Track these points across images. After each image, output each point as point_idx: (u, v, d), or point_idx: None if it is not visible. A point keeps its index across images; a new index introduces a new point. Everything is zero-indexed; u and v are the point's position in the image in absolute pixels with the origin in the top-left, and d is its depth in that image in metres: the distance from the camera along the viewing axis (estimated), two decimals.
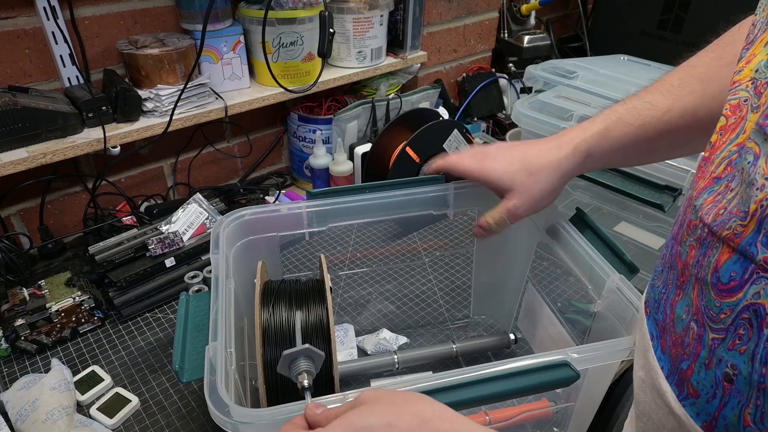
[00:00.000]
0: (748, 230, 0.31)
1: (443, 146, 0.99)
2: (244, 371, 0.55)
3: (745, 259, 0.31)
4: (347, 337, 0.76)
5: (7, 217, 0.91)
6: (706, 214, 0.36)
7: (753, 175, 0.31)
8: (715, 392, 0.34)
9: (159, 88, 0.88)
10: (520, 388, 0.42)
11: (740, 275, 0.32)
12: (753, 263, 0.31)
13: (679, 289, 0.39)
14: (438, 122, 0.99)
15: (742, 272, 0.31)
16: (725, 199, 0.35)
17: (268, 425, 0.39)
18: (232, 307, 0.50)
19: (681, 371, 0.37)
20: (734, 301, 0.32)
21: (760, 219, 0.30)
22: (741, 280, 0.31)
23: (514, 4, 1.50)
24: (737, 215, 0.32)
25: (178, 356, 0.50)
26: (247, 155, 1.17)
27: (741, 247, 0.31)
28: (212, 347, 0.44)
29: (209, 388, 0.41)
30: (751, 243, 0.31)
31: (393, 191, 0.64)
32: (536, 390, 0.43)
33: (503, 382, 0.42)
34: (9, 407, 0.63)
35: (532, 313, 0.71)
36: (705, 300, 0.35)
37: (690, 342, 0.36)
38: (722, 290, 0.33)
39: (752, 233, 0.31)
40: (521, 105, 0.94)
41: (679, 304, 0.38)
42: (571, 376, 0.42)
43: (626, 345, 0.46)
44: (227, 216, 0.60)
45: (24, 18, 0.80)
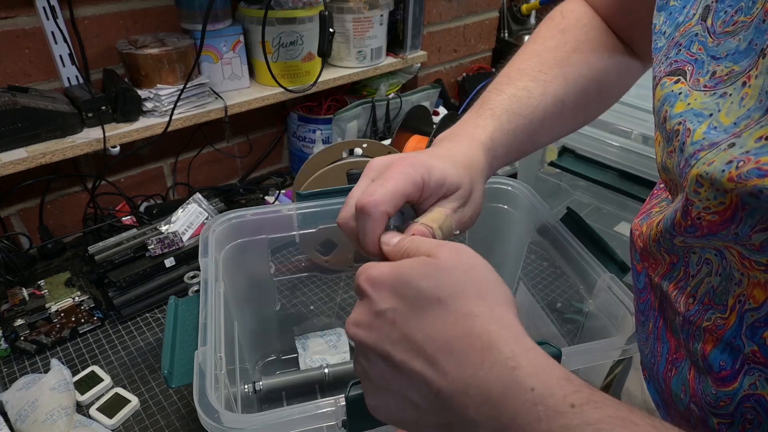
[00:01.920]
0: (730, 323, 0.31)
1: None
2: (234, 376, 0.55)
3: (731, 349, 0.31)
4: (340, 341, 0.75)
5: (6, 217, 0.91)
6: (676, 302, 0.35)
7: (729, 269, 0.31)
8: None
9: (159, 88, 0.88)
10: None
11: (730, 365, 0.31)
12: (741, 354, 0.30)
13: (671, 364, 0.38)
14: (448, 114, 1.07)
15: (732, 362, 0.31)
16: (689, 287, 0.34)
17: (260, 430, 0.39)
18: (221, 311, 0.50)
19: None
20: (731, 391, 0.31)
21: (740, 313, 0.30)
22: (733, 369, 0.31)
23: (514, 4, 1.50)
24: (715, 308, 0.32)
25: (167, 361, 0.49)
26: (247, 155, 1.17)
27: (726, 339, 0.31)
28: (201, 352, 0.44)
29: (199, 393, 0.40)
30: (735, 336, 0.30)
31: None
32: None
33: None
34: (9, 407, 0.63)
35: (524, 313, 0.71)
36: (702, 385, 0.34)
37: (697, 423, 0.36)
38: (716, 379, 0.32)
39: (734, 326, 0.30)
40: None
41: (674, 381, 0.37)
42: (553, 352, 0.41)
43: (617, 345, 0.46)
44: (216, 219, 0.59)
45: (24, 18, 0.80)
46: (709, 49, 0.31)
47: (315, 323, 0.78)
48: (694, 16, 0.33)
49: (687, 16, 0.34)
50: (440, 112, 1.29)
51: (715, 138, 0.28)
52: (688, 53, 0.33)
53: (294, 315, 0.76)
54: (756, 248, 0.28)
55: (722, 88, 0.29)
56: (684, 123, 0.31)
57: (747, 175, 0.26)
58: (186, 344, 0.51)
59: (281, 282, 0.72)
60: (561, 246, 0.58)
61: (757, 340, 0.29)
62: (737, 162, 0.26)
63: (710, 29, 0.31)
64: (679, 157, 0.31)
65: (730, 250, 0.30)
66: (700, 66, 0.31)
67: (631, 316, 0.48)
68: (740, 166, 0.26)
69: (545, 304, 0.68)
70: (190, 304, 0.54)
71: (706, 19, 0.32)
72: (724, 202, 0.28)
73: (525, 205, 0.65)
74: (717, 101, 0.29)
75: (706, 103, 0.30)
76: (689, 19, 0.33)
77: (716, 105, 0.29)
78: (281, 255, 0.79)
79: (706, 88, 0.30)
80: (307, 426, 0.39)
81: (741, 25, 0.29)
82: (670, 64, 0.34)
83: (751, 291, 0.29)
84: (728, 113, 0.28)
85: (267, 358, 0.75)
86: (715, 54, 0.30)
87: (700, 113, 0.30)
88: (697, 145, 0.29)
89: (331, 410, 0.39)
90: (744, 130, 0.27)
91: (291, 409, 0.39)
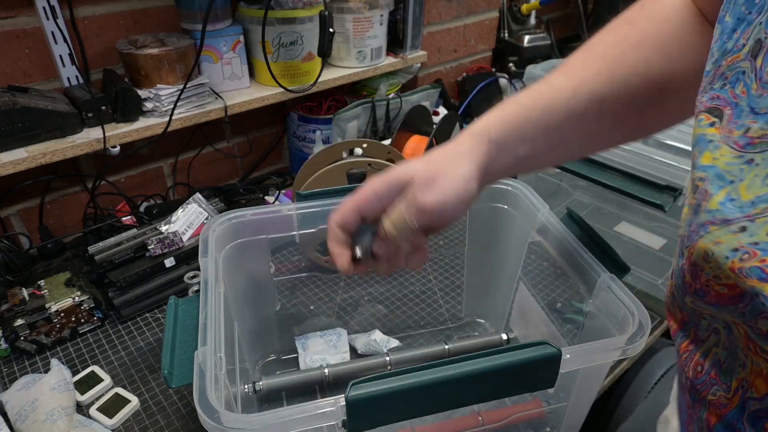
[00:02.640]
0: (733, 404, 0.29)
1: (451, 137, 1.02)
2: (234, 376, 0.55)
3: (734, 429, 0.29)
4: (340, 341, 0.75)
5: (6, 217, 0.91)
6: (686, 365, 0.34)
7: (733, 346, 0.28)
8: None
9: (159, 87, 0.88)
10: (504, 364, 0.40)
11: None
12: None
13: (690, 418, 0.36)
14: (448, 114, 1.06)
15: None
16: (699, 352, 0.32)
17: (258, 431, 0.39)
18: (221, 311, 0.50)
19: None
20: None
21: (743, 398, 0.28)
22: None
23: (514, 4, 1.50)
24: (719, 385, 0.30)
25: (167, 361, 0.49)
26: (247, 155, 1.17)
27: (728, 419, 0.29)
28: (201, 352, 0.44)
29: (198, 393, 0.40)
30: (737, 419, 0.29)
31: None
32: (522, 371, 0.41)
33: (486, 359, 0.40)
34: (8, 407, 0.63)
35: (525, 313, 0.71)
36: None
37: None
38: None
39: (736, 409, 0.29)
40: None
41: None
42: (553, 353, 0.41)
43: (617, 345, 0.46)
44: (216, 219, 0.59)
45: (24, 18, 0.80)
46: (751, 97, 0.26)
47: (315, 323, 0.78)
48: (743, 48, 0.28)
49: (736, 44, 0.28)
50: (440, 112, 1.29)
51: (729, 214, 0.25)
52: (731, 92, 0.28)
53: (294, 315, 0.76)
54: (763, 334, 0.25)
55: (751, 153, 0.25)
56: (705, 181, 0.27)
57: (748, 272, 0.23)
58: (186, 344, 0.51)
59: (281, 282, 0.72)
60: (561, 246, 0.58)
61: (759, 429, 0.27)
62: (742, 253, 0.24)
63: (758, 72, 0.26)
64: (692, 216, 0.28)
65: (738, 327, 0.28)
66: (738, 114, 0.27)
67: (631, 315, 0.48)
68: (744, 258, 0.24)
69: (545, 304, 0.68)
70: (190, 304, 0.54)
71: (756, 57, 0.27)
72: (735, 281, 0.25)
73: (525, 205, 0.65)
74: (742, 167, 0.25)
75: (731, 165, 0.26)
76: (738, 49, 0.28)
77: (740, 172, 0.25)
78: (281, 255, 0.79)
79: (736, 146, 0.26)
80: (307, 426, 0.39)
81: None
82: (712, 98, 0.29)
83: (753, 379, 0.27)
84: (749, 187, 0.24)
85: (267, 358, 0.75)
86: (755, 106, 0.26)
87: (722, 175, 0.26)
88: (710, 215, 0.26)
89: (331, 410, 0.39)
90: (760, 215, 0.24)
91: (291, 409, 0.39)
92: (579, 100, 0.42)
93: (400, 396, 0.39)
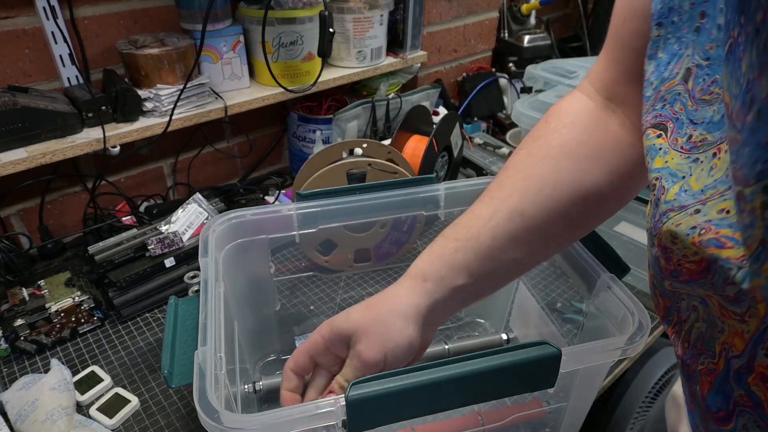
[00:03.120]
0: (720, 368, 0.32)
1: (450, 137, 1.04)
2: (234, 376, 0.55)
3: (723, 391, 0.32)
4: None
5: (6, 217, 0.91)
6: (674, 345, 0.37)
7: (711, 316, 0.32)
8: None
9: (159, 87, 0.88)
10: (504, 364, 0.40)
11: (725, 406, 0.33)
12: (732, 397, 0.32)
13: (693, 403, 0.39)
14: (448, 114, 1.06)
15: (726, 403, 0.33)
16: (683, 331, 0.36)
17: (260, 430, 0.39)
18: (221, 311, 0.50)
19: None
20: (729, 430, 0.33)
21: (727, 359, 0.31)
22: (728, 411, 0.33)
23: (514, 4, 1.50)
24: (706, 353, 0.33)
25: (167, 361, 0.49)
26: (247, 155, 1.17)
27: (717, 383, 0.33)
28: (201, 352, 0.44)
29: (198, 393, 0.40)
30: (725, 380, 0.32)
31: (383, 192, 0.64)
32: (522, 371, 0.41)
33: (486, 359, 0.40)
34: (9, 407, 0.63)
35: (524, 313, 0.71)
36: (707, 423, 0.36)
37: None
38: (715, 419, 0.34)
39: (723, 371, 0.32)
40: (521, 105, 0.94)
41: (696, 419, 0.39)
42: (553, 353, 0.41)
43: (617, 345, 0.46)
44: (216, 219, 0.59)
45: (24, 18, 0.80)
46: (688, 112, 0.33)
47: (315, 323, 0.78)
48: (677, 75, 0.34)
49: (671, 72, 0.35)
50: (440, 112, 1.29)
51: (684, 201, 0.30)
52: (671, 110, 0.34)
53: (294, 315, 0.76)
54: (731, 299, 0.29)
55: (695, 154, 0.31)
56: (660, 179, 0.33)
57: (707, 243, 0.28)
58: (186, 344, 0.51)
59: (281, 282, 0.72)
60: None
61: (743, 385, 0.30)
62: (700, 229, 0.29)
63: (690, 92, 0.33)
64: (654, 209, 0.33)
65: (711, 299, 0.31)
66: (680, 126, 0.33)
67: (631, 315, 0.48)
68: (702, 233, 0.28)
69: (545, 304, 0.68)
70: (190, 304, 0.54)
71: (687, 81, 0.33)
72: (698, 252, 0.29)
73: None
74: (690, 165, 0.31)
75: (680, 165, 0.32)
76: (673, 77, 0.34)
77: (689, 169, 0.31)
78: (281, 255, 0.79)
79: (682, 150, 0.32)
80: (307, 426, 0.39)
81: (716, 96, 0.30)
82: (655, 116, 0.35)
83: (732, 339, 0.30)
84: (698, 179, 0.30)
85: (267, 357, 0.75)
86: (693, 118, 0.32)
87: (674, 173, 0.32)
88: (668, 205, 0.31)
89: (330, 410, 0.39)
90: (709, 199, 0.29)
91: (290, 409, 0.39)
92: (500, 220, 0.44)
93: (399, 396, 0.39)
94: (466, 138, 1.23)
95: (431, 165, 0.98)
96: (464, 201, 0.68)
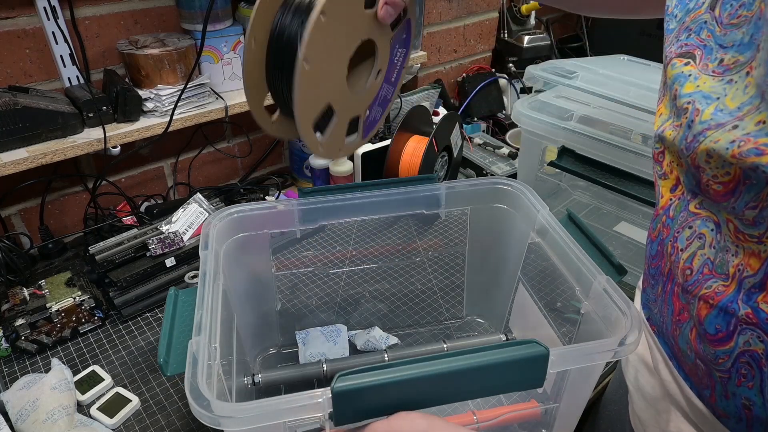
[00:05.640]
0: (730, 290, 0.34)
1: (450, 137, 1.05)
2: (232, 368, 0.55)
3: (726, 313, 0.35)
4: (340, 337, 0.76)
5: (7, 217, 0.91)
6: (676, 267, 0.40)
7: (723, 242, 0.35)
8: (740, 416, 0.37)
9: (159, 88, 0.88)
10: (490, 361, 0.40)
11: (725, 327, 0.35)
12: (735, 317, 0.34)
13: (675, 325, 0.42)
14: (447, 114, 1.07)
15: (726, 325, 0.35)
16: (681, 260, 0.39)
17: (249, 419, 0.39)
18: (219, 303, 0.50)
19: (705, 397, 0.40)
20: (728, 349, 0.35)
21: (740, 280, 0.34)
22: (727, 331, 0.35)
23: (514, 4, 1.51)
24: (717, 277, 0.36)
25: (163, 350, 0.49)
26: (247, 155, 1.17)
27: (722, 305, 0.35)
28: (195, 342, 0.44)
29: (190, 381, 0.41)
30: (732, 300, 0.34)
31: (385, 190, 0.64)
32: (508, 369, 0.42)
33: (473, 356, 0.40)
34: (9, 407, 0.63)
35: (523, 314, 0.71)
36: (702, 345, 0.38)
37: (703, 376, 0.40)
38: (712, 340, 0.36)
39: (733, 292, 0.34)
40: (521, 105, 0.94)
41: (679, 340, 0.42)
42: (540, 352, 0.41)
43: (609, 346, 0.45)
44: (218, 213, 0.59)
45: (24, 18, 0.81)
46: (717, 38, 0.34)
47: (315, 319, 0.78)
48: (703, 5, 0.36)
49: (697, 3, 0.37)
50: (440, 112, 1.30)
51: (721, 119, 0.32)
52: (698, 38, 0.36)
53: (295, 310, 0.76)
54: (750, 222, 0.32)
55: (729, 75, 0.33)
56: (693, 103, 0.34)
57: (747, 153, 0.30)
58: (184, 334, 0.51)
59: (282, 277, 0.73)
60: (559, 247, 0.59)
61: (752, 303, 0.33)
62: (739, 142, 0.31)
63: (718, 19, 0.34)
64: (685, 131, 0.35)
65: (729, 224, 0.34)
66: (708, 52, 0.35)
67: (624, 318, 0.48)
68: (741, 145, 0.30)
69: (544, 304, 0.68)
70: (190, 296, 0.55)
71: (714, 9, 0.35)
72: (729, 172, 0.32)
73: (525, 205, 0.65)
74: (724, 86, 0.33)
75: (714, 87, 0.33)
76: (699, 6, 0.36)
77: (723, 90, 0.33)
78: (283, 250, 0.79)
79: (714, 74, 0.34)
80: (295, 417, 0.39)
81: (744, 19, 0.32)
82: (680, 46, 0.37)
83: (747, 260, 0.33)
84: (733, 98, 0.32)
85: (268, 351, 0.75)
86: (722, 43, 0.34)
87: (708, 96, 0.33)
88: (705, 124, 0.33)
89: (318, 402, 0.39)
90: (746, 115, 0.31)
91: (278, 400, 0.39)
92: None
93: (385, 389, 0.39)
94: (466, 138, 1.23)
95: (431, 165, 0.98)
96: (465, 200, 0.68)
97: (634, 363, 0.55)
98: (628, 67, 1.13)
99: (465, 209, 0.70)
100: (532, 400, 0.61)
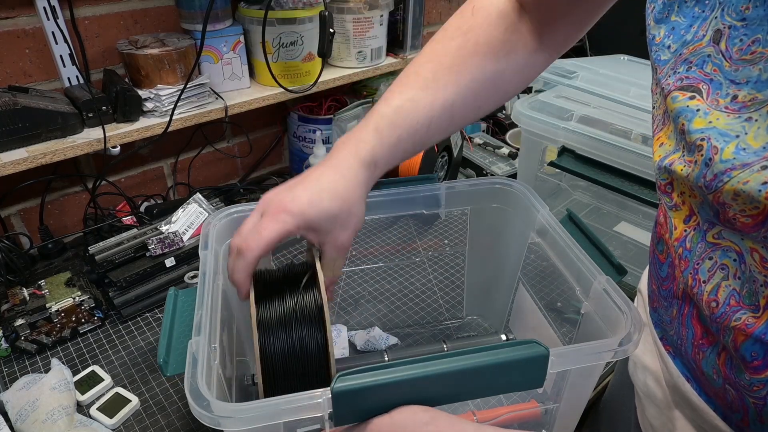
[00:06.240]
0: (761, 321, 0.34)
1: (450, 137, 1.04)
2: (232, 367, 0.55)
3: (762, 342, 0.34)
4: (339, 338, 0.76)
5: (7, 217, 0.91)
6: (699, 299, 0.39)
7: (749, 272, 0.34)
8: None
9: (159, 88, 0.88)
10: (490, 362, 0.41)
11: (762, 355, 0.34)
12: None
13: (698, 348, 0.41)
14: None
15: (763, 353, 0.34)
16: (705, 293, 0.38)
17: (249, 419, 0.39)
18: (219, 303, 0.50)
19: (737, 421, 0.39)
20: (764, 378, 0.35)
21: None
22: (764, 360, 0.34)
23: None
24: (745, 308, 0.35)
25: (163, 350, 0.49)
26: (247, 155, 1.17)
27: (757, 335, 0.34)
28: (195, 342, 0.44)
29: (190, 382, 0.41)
30: (764, 333, 0.34)
31: (385, 190, 0.64)
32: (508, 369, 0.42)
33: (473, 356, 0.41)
34: (9, 407, 0.63)
35: (523, 314, 0.71)
36: (734, 371, 0.37)
37: (733, 400, 0.39)
38: (748, 367, 0.35)
39: (764, 324, 0.34)
40: (521, 105, 0.94)
41: (703, 363, 0.41)
42: (540, 352, 0.41)
43: (609, 347, 0.45)
44: (217, 213, 0.59)
45: (24, 18, 0.81)
46: (726, 73, 0.33)
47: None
48: (704, 37, 0.35)
49: (696, 35, 0.35)
50: None
51: (746, 159, 0.31)
52: (701, 72, 0.35)
53: None
54: None
55: (747, 113, 0.31)
56: (708, 140, 0.33)
57: None
58: (183, 335, 0.51)
59: None
60: (559, 247, 0.59)
61: None
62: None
63: (725, 53, 0.33)
64: (702, 169, 0.34)
65: (753, 254, 0.33)
66: (717, 87, 0.33)
67: (624, 318, 0.48)
68: None
69: (545, 304, 0.68)
70: (189, 296, 0.55)
71: (718, 43, 0.33)
72: (758, 207, 0.31)
73: (525, 205, 0.65)
74: (743, 124, 0.31)
75: (731, 125, 0.32)
76: (699, 39, 0.35)
77: (743, 128, 0.31)
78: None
79: (728, 110, 0.32)
80: (295, 417, 0.39)
81: (760, 55, 0.31)
82: (680, 79, 0.36)
83: None
84: (756, 137, 0.31)
85: None
86: (734, 79, 0.32)
87: (726, 133, 0.32)
88: (728, 164, 0.32)
89: (317, 402, 0.39)
90: None
91: (278, 400, 0.39)
92: (434, 109, 0.51)
93: (385, 389, 0.39)
94: (466, 138, 1.23)
95: (431, 165, 0.98)
96: (465, 200, 0.68)
97: (643, 372, 0.54)
98: (628, 67, 1.13)
99: (465, 209, 0.70)
100: (532, 400, 0.61)
